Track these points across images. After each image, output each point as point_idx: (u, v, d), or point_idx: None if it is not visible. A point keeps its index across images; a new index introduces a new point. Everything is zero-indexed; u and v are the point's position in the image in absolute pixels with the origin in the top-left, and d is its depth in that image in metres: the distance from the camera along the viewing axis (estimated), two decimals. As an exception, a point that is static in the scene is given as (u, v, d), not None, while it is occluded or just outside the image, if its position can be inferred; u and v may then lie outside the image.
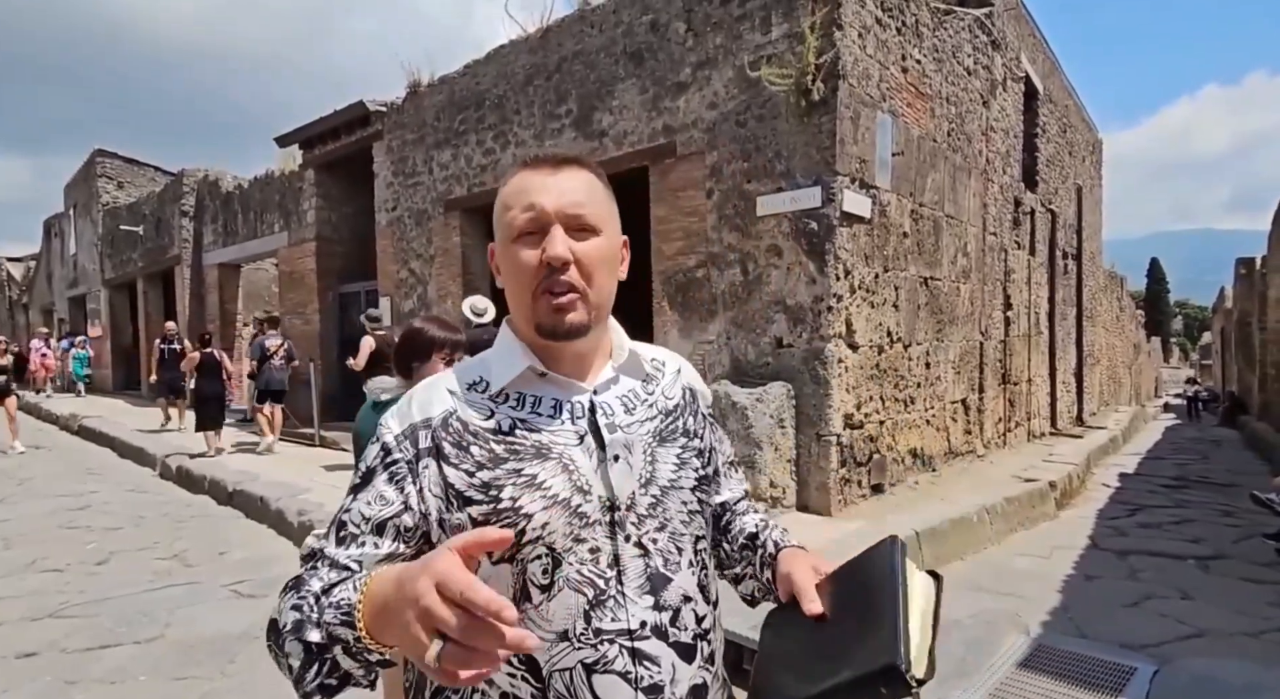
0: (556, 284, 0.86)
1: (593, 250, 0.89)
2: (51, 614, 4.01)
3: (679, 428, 0.97)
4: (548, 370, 0.91)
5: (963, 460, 7.24)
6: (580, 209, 0.88)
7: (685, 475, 0.94)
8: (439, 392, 0.93)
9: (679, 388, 1.02)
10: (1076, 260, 11.95)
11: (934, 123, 6.76)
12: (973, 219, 7.65)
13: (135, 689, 3.14)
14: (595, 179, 0.93)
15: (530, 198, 0.88)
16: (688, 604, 0.89)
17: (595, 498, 0.87)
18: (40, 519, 6.15)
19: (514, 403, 0.91)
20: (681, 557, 0.90)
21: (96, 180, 17.98)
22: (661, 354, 1.06)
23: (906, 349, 6.29)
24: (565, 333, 0.88)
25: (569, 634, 0.83)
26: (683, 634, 0.87)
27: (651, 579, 0.87)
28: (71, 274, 20.03)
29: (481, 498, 0.85)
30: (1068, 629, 3.67)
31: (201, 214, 13.82)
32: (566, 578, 0.84)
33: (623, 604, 0.84)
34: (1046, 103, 10.47)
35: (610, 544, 0.86)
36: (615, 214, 0.95)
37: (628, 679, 0.83)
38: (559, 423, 0.90)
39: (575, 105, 6.97)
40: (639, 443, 0.92)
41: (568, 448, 0.88)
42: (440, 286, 8.61)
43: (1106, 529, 5.89)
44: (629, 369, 0.98)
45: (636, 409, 0.95)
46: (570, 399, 0.92)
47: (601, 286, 0.90)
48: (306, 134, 10.34)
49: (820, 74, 5.16)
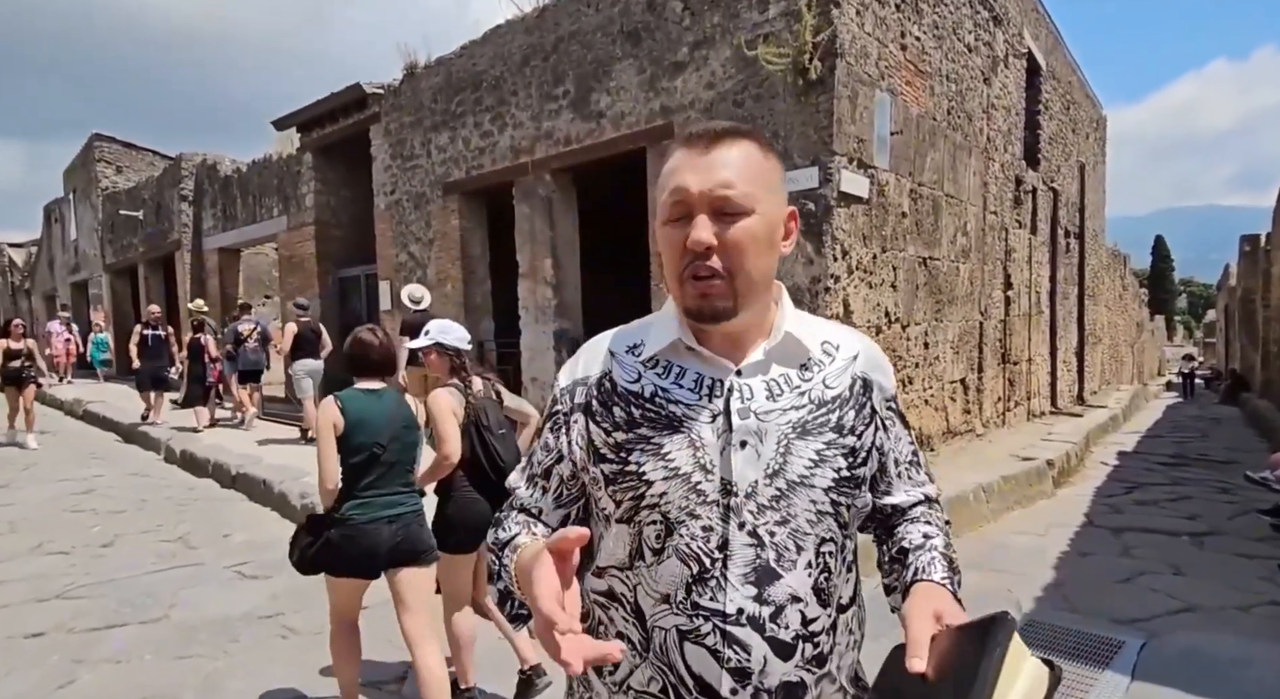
0: (700, 269, 0.86)
1: (741, 233, 0.86)
2: (58, 596, 4.07)
3: (830, 422, 0.91)
4: (695, 345, 0.91)
5: (961, 440, 7.27)
6: (727, 191, 0.85)
7: (821, 474, 0.89)
8: (601, 351, 0.99)
9: (848, 377, 0.95)
10: (1079, 238, 11.89)
11: (933, 101, 6.70)
12: (973, 198, 7.61)
13: (140, 669, 3.20)
14: (754, 150, 0.89)
15: (678, 179, 0.87)
16: (795, 604, 0.86)
17: (716, 478, 0.87)
18: (45, 503, 6.21)
19: (660, 370, 0.93)
20: (800, 555, 0.87)
21: (95, 165, 17.92)
22: (841, 337, 0.98)
23: (905, 329, 6.29)
24: (709, 317, 0.88)
25: (670, 599, 0.87)
26: (782, 631, 0.85)
27: (758, 571, 0.85)
28: (73, 260, 20.04)
29: (613, 457, 0.90)
30: (1060, 605, 3.71)
31: (200, 198, 13.79)
32: (676, 548, 0.87)
33: (723, 587, 0.85)
34: (1049, 79, 10.35)
35: (723, 527, 0.86)
36: (775, 186, 0.91)
37: (716, 656, 0.84)
38: (696, 398, 0.90)
39: (573, 86, 6.92)
40: (774, 432, 0.88)
41: (699, 424, 0.88)
42: (440, 270, 8.60)
43: (1103, 507, 5.93)
44: (782, 353, 0.93)
45: (783, 396, 0.90)
46: (712, 376, 0.91)
47: (752, 268, 0.87)
48: (303, 117, 10.28)
49: (818, 53, 5.12)
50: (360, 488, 2.54)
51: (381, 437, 2.56)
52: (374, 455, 2.55)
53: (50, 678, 3.10)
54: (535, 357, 7.56)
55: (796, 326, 0.95)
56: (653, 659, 0.88)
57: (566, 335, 7.39)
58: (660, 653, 0.87)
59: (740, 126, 0.92)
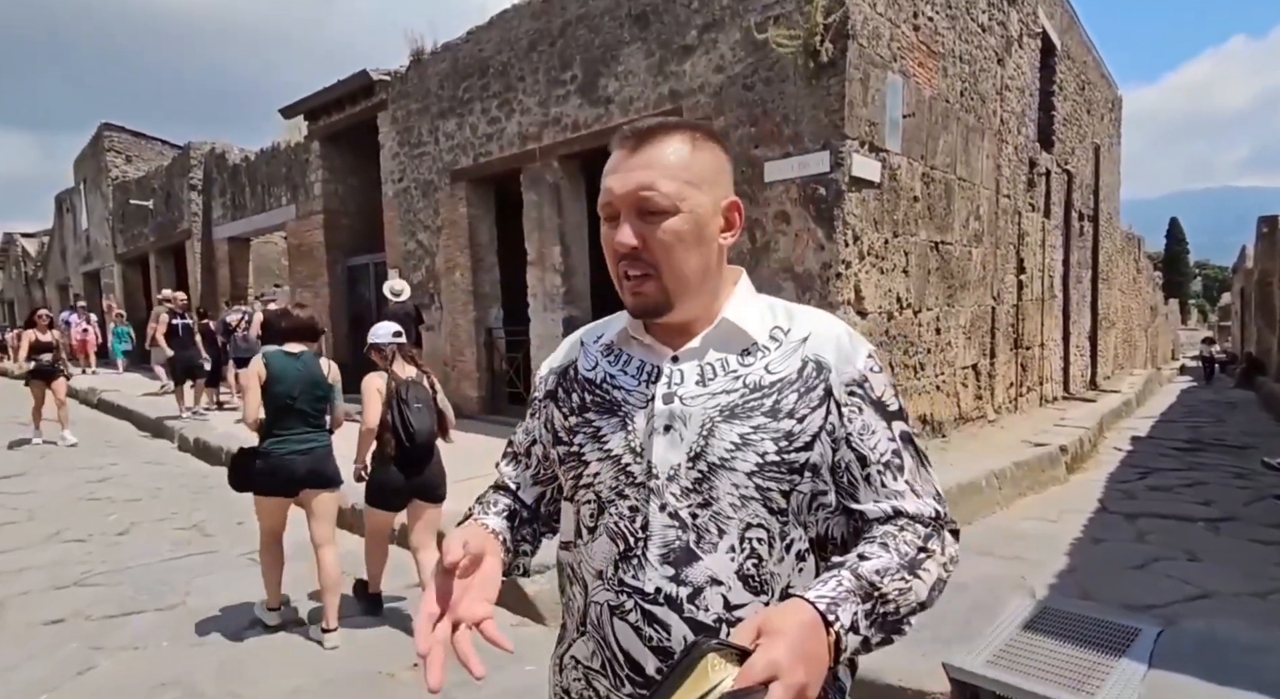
0: (630, 266, 0.89)
1: (665, 233, 0.87)
2: (76, 583, 4.12)
3: (762, 406, 0.88)
4: (637, 334, 0.97)
5: (973, 426, 7.23)
6: (647, 192, 0.86)
7: (743, 457, 0.86)
8: (575, 339, 1.07)
9: (796, 359, 0.91)
10: (1093, 221, 11.75)
11: (946, 83, 6.60)
12: (986, 181, 7.51)
13: (157, 655, 3.23)
14: (682, 145, 0.88)
15: (606, 182, 0.90)
16: (715, 587, 0.85)
17: (644, 462, 0.90)
18: (62, 492, 6.28)
19: (612, 358, 0.99)
20: (722, 539, 0.86)
21: (105, 155, 17.99)
22: (796, 322, 0.94)
23: (916, 315, 6.24)
24: (640, 314, 0.93)
25: (603, 575, 0.91)
26: (701, 613, 0.85)
27: (675, 552, 0.87)
28: (85, 249, 20.18)
29: (565, 439, 0.97)
30: (1073, 592, 3.69)
31: (210, 188, 13.83)
32: (606, 526, 0.91)
33: (643, 566, 0.87)
34: (1064, 59, 10.19)
35: (646, 507, 0.89)
36: (707, 179, 0.89)
37: (639, 634, 0.87)
38: (637, 384, 0.95)
39: (580, 71, 6.86)
40: (698, 416, 0.88)
41: (634, 409, 0.93)
42: (448, 258, 8.60)
43: (1116, 493, 5.89)
44: (720, 339, 0.93)
45: (715, 380, 0.91)
46: (653, 363, 0.95)
47: (680, 265, 0.88)
48: (311, 105, 10.26)
49: (829, 34, 5.04)
50: (278, 428, 3.31)
51: (294, 389, 3.31)
52: (288, 404, 3.30)
53: (69, 664, 3.14)
54: (544, 344, 7.56)
55: (739, 313, 0.93)
56: (591, 633, 0.92)
57: (575, 323, 7.37)
58: (596, 626, 0.91)
59: (670, 121, 0.91)
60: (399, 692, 2.88)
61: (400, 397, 3.26)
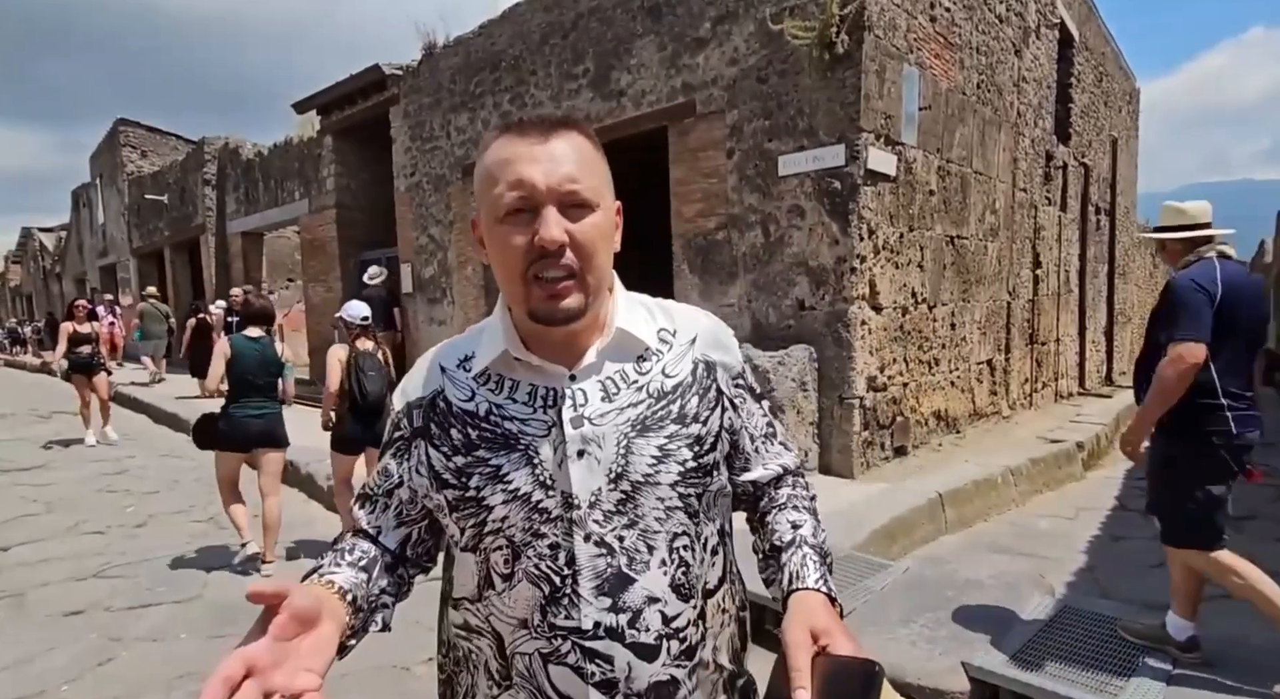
0: (550, 267, 0.81)
1: (589, 228, 0.82)
2: (94, 574, 4.16)
3: (670, 413, 0.88)
4: (523, 355, 0.87)
5: (987, 422, 7.17)
6: (575, 184, 0.81)
7: (666, 470, 0.85)
8: (433, 369, 0.93)
9: (688, 362, 0.92)
10: (1109, 215, 11.60)
11: (963, 74, 6.53)
12: (1002, 175, 7.43)
13: (176, 647, 3.26)
14: (587, 143, 0.85)
15: (518, 172, 0.81)
16: (653, 605, 0.83)
17: (558, 493, 0.83)
18: (79, 484, 6.35)
19: (493, 386, 0.89)
20: (652, 555, 0.84)
21: (120, 150, 18.11)
22: (678, 322, 0.95)
23: (931, 310, 6.18)
24: (561, 319, 0.83)
25: (527, 623, 0.84)
26: (644, 635, 0.82)
27: (609, 580, 0.82)
28: (101, 243, 20.35)
29: (455, 482, 0.86)
30: (1092, 590, 3.65)
31: (224, 182, 13.90)
32: (525, 571, 0.84)
33: (576, 604, 0.82)
34: (1082, 50, 10.05)
35: (568, 542, 0.83)
36: (609, 180, 0.88)
37: (580, 674, 0.82)
38: (531, 411, 0.86)
39: (592, 64, 6.83)
40: (612, 435, 0.85)
41: (535, 439, 0.85)
42: (460, 252, 8.60)
43: (1135, 490, 5.82)
44: (615, 350, 0.89)
45: (619, 394, 0.87)
46: (546, 385, 0.87)
47: (599, 266, 0.84)
48: (323, 100, 10.28)
49: (845, 26, 4.99)
50: (238, 397, 4.11)
51: (251, 367, 4.11)
52: (248, 379, 4.10)
53: (89, 655, 3.17)
54: (557, 339, 7.56)
55: (628, 318, 0.90)
56: (521, 685, 0.85)
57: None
58: (527, 676, 0.84)
59: (569, 117, 0.89)
60: (413, 685, 2.88)
61: (358, 365, 4.06)
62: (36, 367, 18.74)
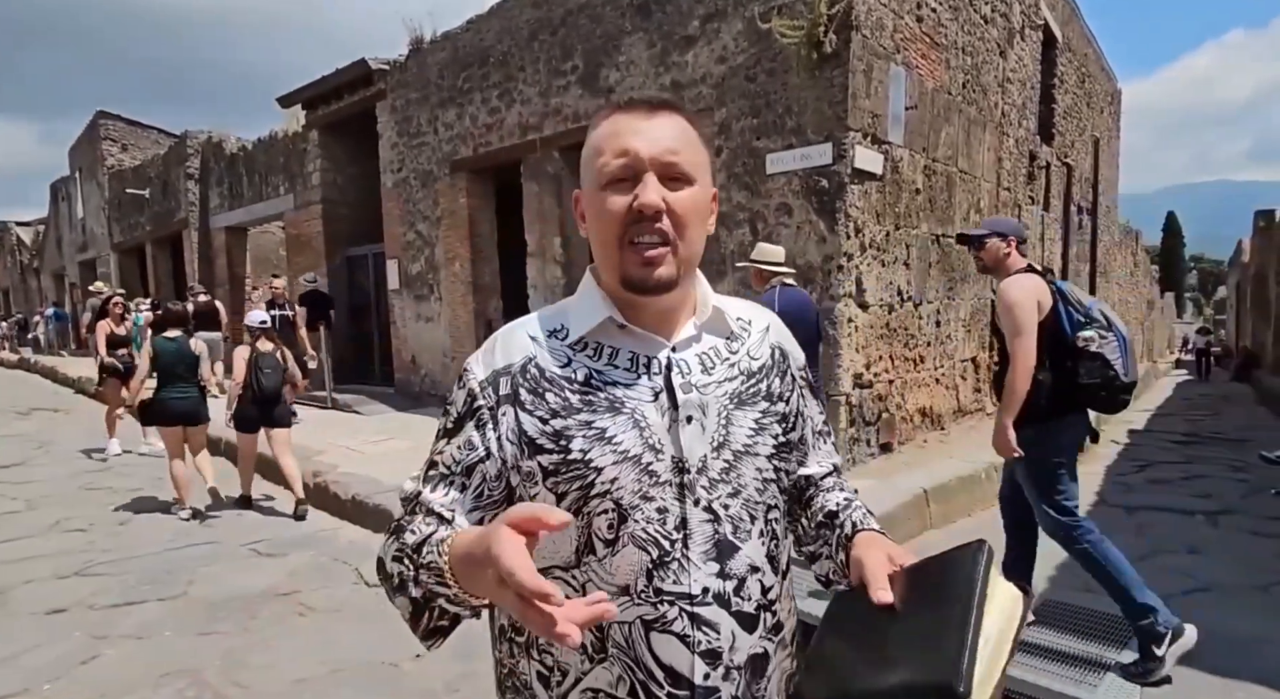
0: (646, 231, 0.83)
1: (686, 200, 0.85)
2: (78, 572, 4.12)
3: (761, 391, 0.93)
4: (627, 323, 0.89)
5: (972, 419, 7.25)
6: (676, 156, 0.84)
7: (762, 441, 0.90)
8: (520, 337, 0.92)
9: (766, 347, 0.97)
10: (1091, 215, 11.75)
11: (949, 74, 6.58)
12: (986, 174, 7.50)
13: (162, 644, 3.24)
14: (690, 126, 0.89)
15: (624, 142, 0.84)
16: (754, 574, 0.86)
17: (667, 457, 0.84)
18: (62, 481, 6.27)
19: (591, 352, 0.89)
20: (753, 525, 0.87)
21: (100, 143, 17.87)
22: (749, 311, 1.01)
23: (917, 308, 6.24)
24: (653, 287, 0.85)
25: (630, 590, 0.83)
26: (745, 604, 0.85)
27: (718, 546, 0.84)
28: (80, 238, 20.06)
29: (552, 446, 0.85)
30: (1075, 584, 3.70)
31: (207, 177, 13.74)
32: (631, 534, 0.83)
33: (686, 568, 0.83)
34: (1065, 51, 10.16)
35: (679, 506, 0.84)
36: (708, 164, 0.91)
37: (685, 642, 0.82)
38: (635, 377, 0.88)
39: (581, 61, 6.82)
40: (714, 404, 0.88)
41: (641, 404, 0.86)
42: (448, 249, 8.57)
43: (1116, 485, 5.92)
44: (712, 327, 0.93)
45: (716, 369, 0.91)
46: (647, 354, 0.89)
47: (692, 240, 0.87)
48: (309, 94, 10.18)
49: (833, 25, 5.02)
50: (164, 386, 5.20)
51: (172, 360, 5.19)
52: (170, 371, 5.18)
53: (74, 653, 3.15)
54: (545, 335, 7.54)
55: (722, 301, 0.96)
56: (617, 657, 0.83)
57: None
58: (625, 648, 0.83)
59: (675, 101, 0.92)
60: (403, 681, 2.89)
61: (257, 364, 5.12)
62: (13, 362, 18.48)
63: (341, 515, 5.04)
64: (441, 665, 2.89)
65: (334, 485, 5.24)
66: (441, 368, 8.91)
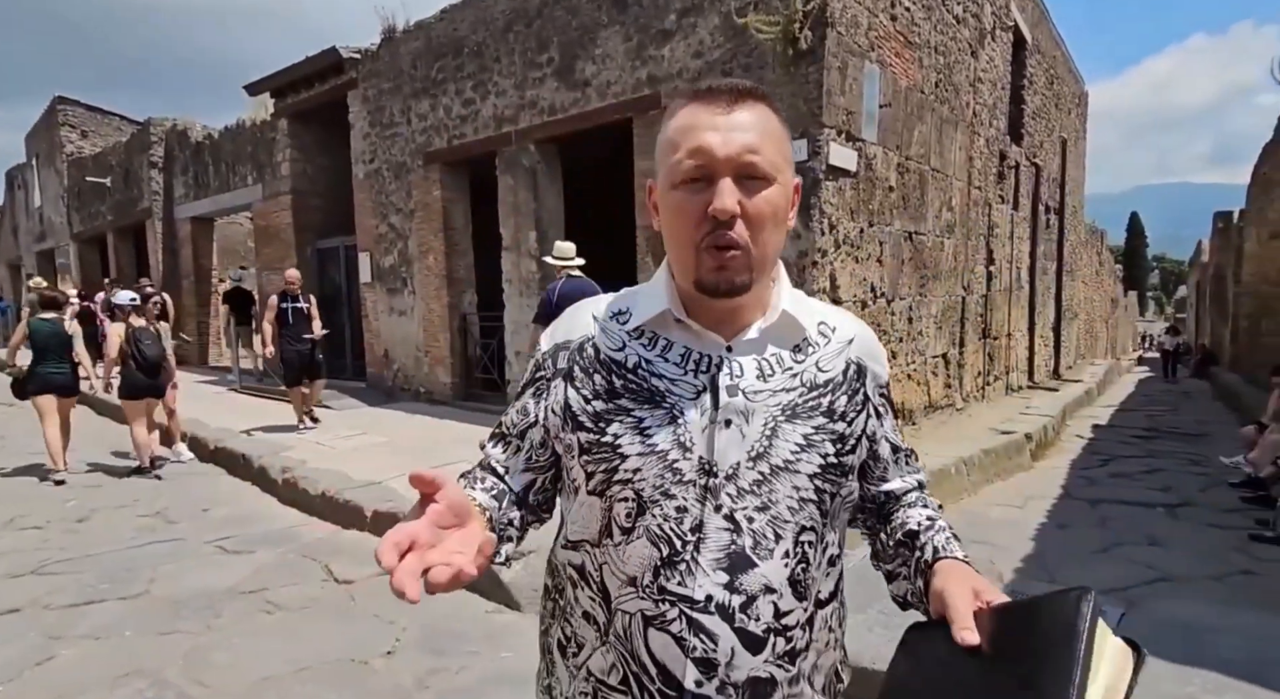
0: (721, 238, 0.80)
1: (763, 203, 0.81)
2: (33, 571, 3.99)
3: (821, 406, 0.87)
4: (684, 318, 0.87)
5: (942, 414, 7.35)
6: (754, 156, 0.80)
7: (808, 459, 0.85)
8: (584, 316, 0.94)
9: (841, 361, 0.91)
10: (1059, 214, 11.98)
11: (922, 73, 6.65)
12: (958, 173, 7.60)
13: (121, 644, 3.15)
14: (772, 116, 0.84)
15: (699, 140, 0.80)
16: (768, 595, 0.82)
17: (695, 457, 0.82)
18: (16, 477, 6.08)
19: (646, 341, 0.89)
20: (778, 544, 0.83)
21: (59, 129, 17.33)
22: (838, 320, 0.95)
23: (890, 304, 6.30)
24: (725, 292, 0.82)
25: (637, 582, 0.83)
26: (752, 623, 0.81)
27: (732, 557, 0.81)
28: (38, 227, 19.46)
29: (590, 426, 0.86)
30: (1039, 575, 3.78)
31: (171, 166, 13.40)
32: (647, 528, 0.83)
33: (692, 572, 0.81)
34: (1035, 53, 10.33)
35: (699, 508, 0.82)
36: (790, 155, 0.86)
37: (681, 645, 0.80)
38: (682, 373, 0.86)
39: (557, 54, 6.77)
40: (762, 413, 0.84)
41: (682, 400, 0.85)
42: (421, 242, 8.46)
43: (1080, 479, 6.04)
44: (777, 333, 0.89)
45: (774, 377, 0.86)
46: (701, 351, 0.87)
47: (768, 242, 0.83)
48: (277, 82, 9.98)
49: (808, 22, 5.04)
50: (40, 362, 5.79)
51: (45, 338, 5.78)
52: (44, 348, 5.77)
53: (28, 654, 3.04)
54: (518, 330, 7.49)
55: (793, 306, 0.90)
56: (614, 644, 0.84)
57: (550, 308, 7.31)
58: (623, 638, 0.83)
59: (758, 87, 0.86)
60: (371, 680, 2.84)
61: (134, 337, 5.79)
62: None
63: (310, 511, 4.95)
64: (412, 662, 2.86)
65: (303, 481, 5.14)
66: (414, 362, 8.81)
